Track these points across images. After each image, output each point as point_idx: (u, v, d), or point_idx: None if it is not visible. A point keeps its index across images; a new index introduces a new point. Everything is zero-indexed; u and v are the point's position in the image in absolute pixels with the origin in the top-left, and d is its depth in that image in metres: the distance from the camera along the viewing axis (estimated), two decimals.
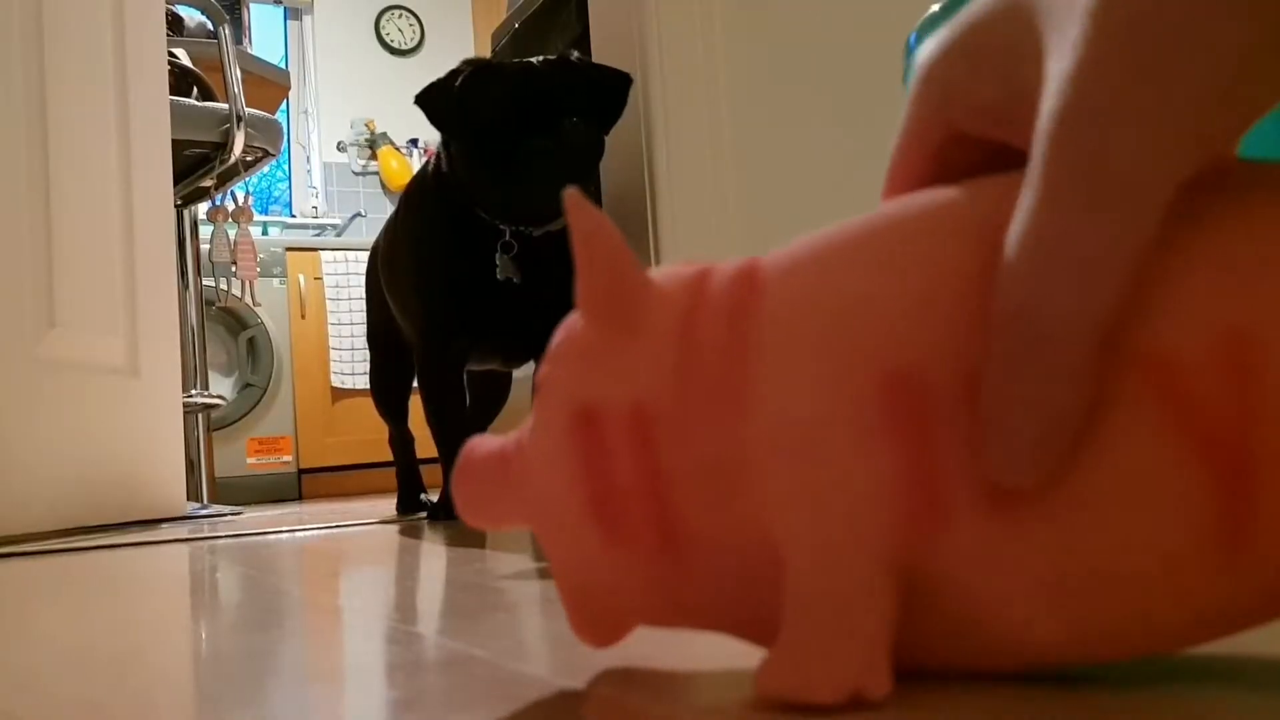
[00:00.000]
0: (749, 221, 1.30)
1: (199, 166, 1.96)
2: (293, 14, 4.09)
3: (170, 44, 1.82)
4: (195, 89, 1.98)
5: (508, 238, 1.15)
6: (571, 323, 0.25)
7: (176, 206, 1.91)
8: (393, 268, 1.30)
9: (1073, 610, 0.21)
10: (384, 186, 4.01)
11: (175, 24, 2.12)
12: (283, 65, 3.62)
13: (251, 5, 3.93)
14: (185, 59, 2.00)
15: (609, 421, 0.23)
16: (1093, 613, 0.21)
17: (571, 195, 0.23)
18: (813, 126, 1.36)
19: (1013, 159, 0.22)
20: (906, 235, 0.22)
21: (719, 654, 0.31)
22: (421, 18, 4.11)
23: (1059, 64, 0.20)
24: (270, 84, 2.24)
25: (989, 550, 0.21)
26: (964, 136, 0.24)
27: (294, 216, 3.87)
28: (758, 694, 0.22)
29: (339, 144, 4.06)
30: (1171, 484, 0.19)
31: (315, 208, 3.93)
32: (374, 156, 4.06)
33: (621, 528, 0.23)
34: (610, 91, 1.17)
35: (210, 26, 2.08)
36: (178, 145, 1.74)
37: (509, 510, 0.26)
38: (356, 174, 4.05)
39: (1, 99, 1.26)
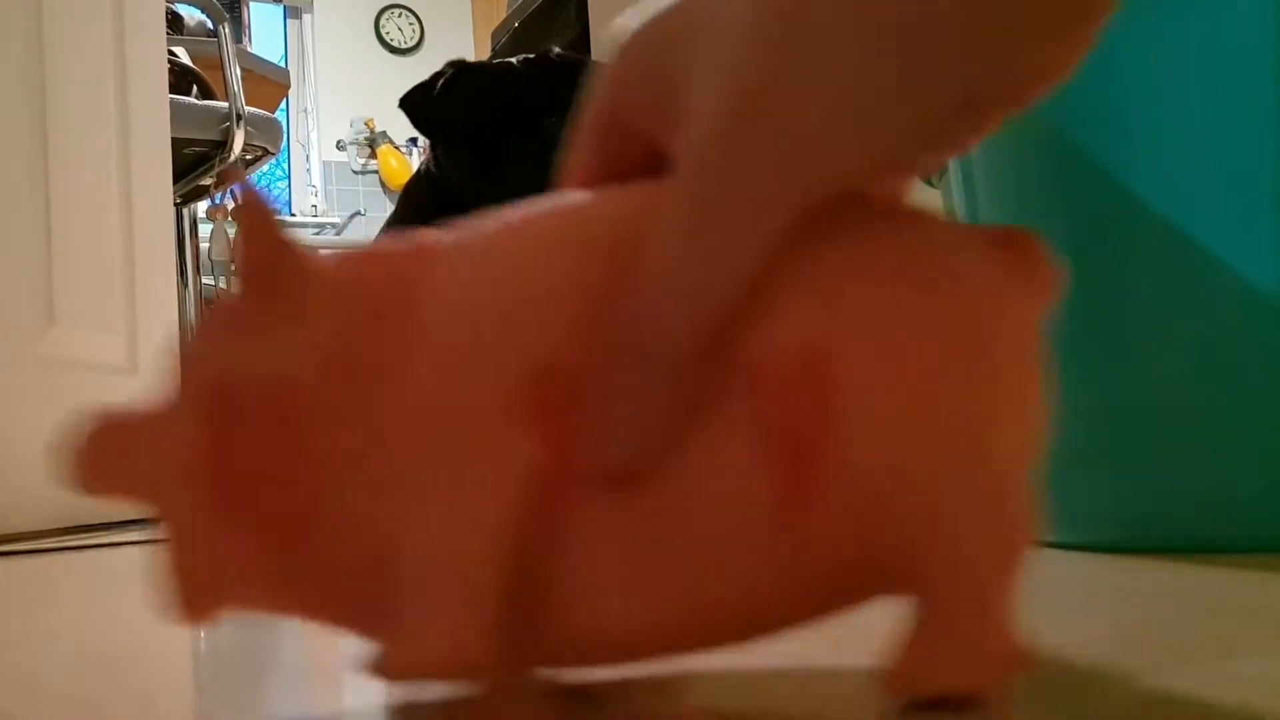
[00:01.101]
0: None
1: (199, 165, 1.96)
2: (292, 13, 4.08)
3: (170, 43, 1.81)
4: (195, 87, 1.97)
5: None
6: (225, 297, 0.24)
7: (176, 205, 1.91)
8: None
9: (660, 602, 0.22)
10: (383, 185, 4.01)
11: (175, 22, 2.11)
12: (282, 64, 3.62)
13: (251, 4, 3.93)
14: (185, 57, 2.00)
15: (248, 398, 0.22)
16: (678, 604, 0.22)
17: (245, 184, 0.23)
18: None
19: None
20: (559, 235, 0.23)
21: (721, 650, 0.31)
22: (421, 17, 4.11)
23: (701, 92, 0.21)
24: (270, 83, 2.24)
25: (599, 545, 0.22)
26: (630, 128, 0.25)
27: (293, 215, 3.87)
28: (367, 676, 0.22)
29: (338, 143, 4.06)
30: (747, 482, 0.21)
31: (315, 206, 3.93)
32: (373, 155, 4.06)
33: (243, 510, 0.22)
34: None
35: (210, 25, 2.08)
36: (177, 144, 1.74)
37: (124, 481, 0.24)
38: (356, 173, 4.05)
39: (1, 97, 1.26)
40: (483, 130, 1.10)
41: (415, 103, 1.16)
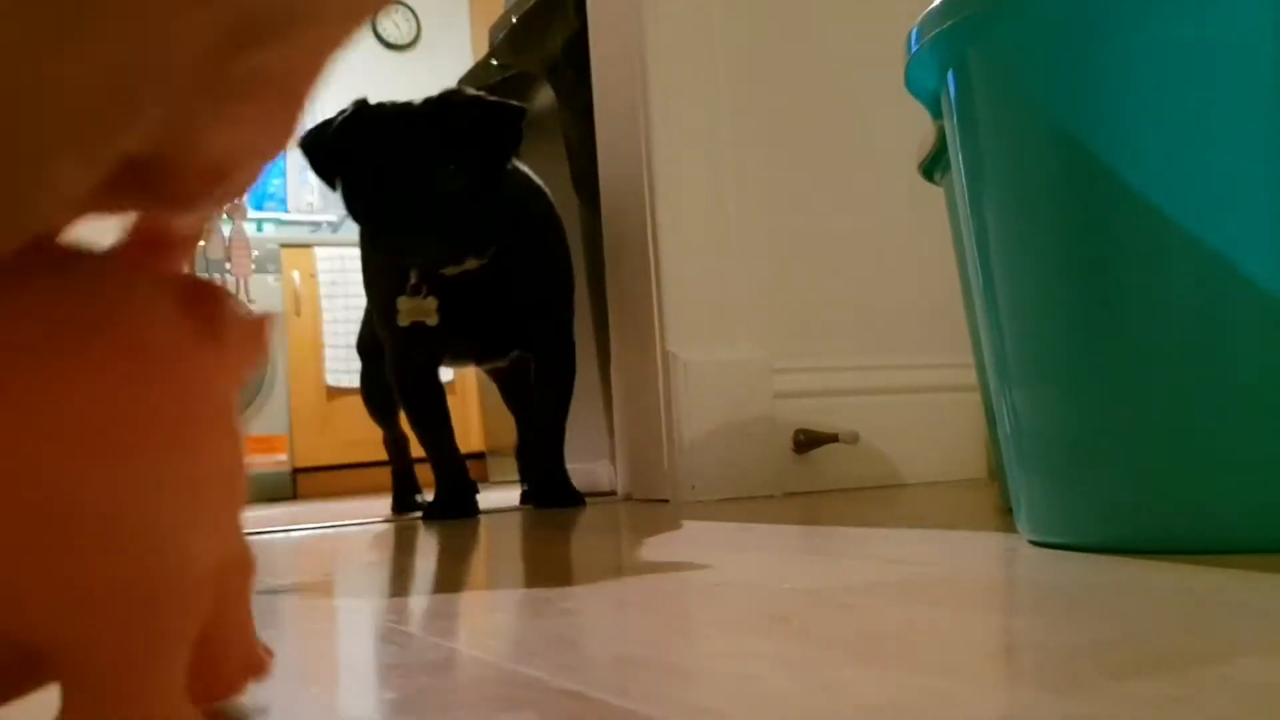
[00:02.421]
0: (749, 219, 1.30)
1: None
2: None
3: None
4: None
5: (414, 280, 1.15)
6: None
7: None
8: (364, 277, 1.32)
9: None
10: None
11: None
12: None
13: None
14: None
15: None
16: None
17: None
18: (813, 122, 1.36)
19: None
20: None
21: (721, 650, 0.31)
22: (418, 13, 4.11)
23: None
24: None
25: None
26: None
27: (289, 212, 3.87)
28: None
29: None
30: None
31: (311, 204, 3.93)
32: None
33: None
34: (498, 128, 1.14)
35: None
36: None
37: None
38: None
39: None
40: (369, 177, 1.09)
41: (312, 144, 1.14)
